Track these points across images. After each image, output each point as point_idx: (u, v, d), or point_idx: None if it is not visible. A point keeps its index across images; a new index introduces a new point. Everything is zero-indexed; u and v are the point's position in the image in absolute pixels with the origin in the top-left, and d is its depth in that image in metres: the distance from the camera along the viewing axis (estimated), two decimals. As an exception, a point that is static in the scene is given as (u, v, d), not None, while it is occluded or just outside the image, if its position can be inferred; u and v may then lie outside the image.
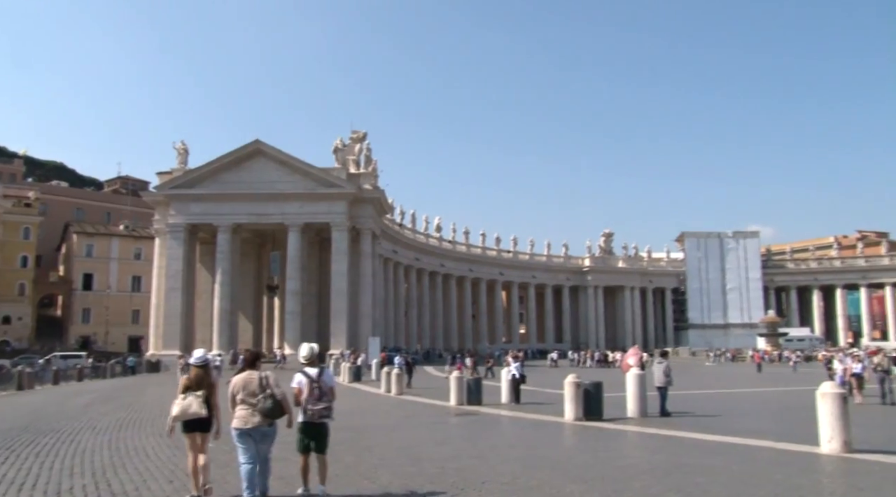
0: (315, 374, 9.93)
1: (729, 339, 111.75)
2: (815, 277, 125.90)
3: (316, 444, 9.93)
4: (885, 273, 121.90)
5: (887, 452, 13.63)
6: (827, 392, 13.67)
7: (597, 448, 15.76)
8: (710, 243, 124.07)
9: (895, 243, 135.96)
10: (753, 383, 45.46)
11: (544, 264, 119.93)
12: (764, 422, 22.40)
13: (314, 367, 10.10)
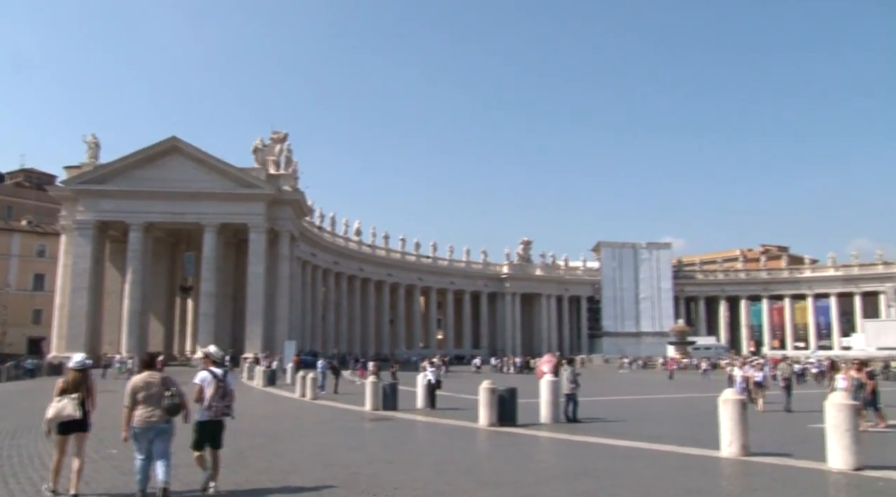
0: (221, 373, 10.55)
1: (641, 347, 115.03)
2: (722, 288, 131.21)
3: (213, 441, 10.42)
4: (784, 285, 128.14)
5: (780, 455, 14.34)
6: (728, 399, 14.25)
7: (509, 453, 15.95)
8: (625, 253, 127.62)
9: (795, 257, 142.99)
10: (664, 390, 46.84)
11: (463, 270, 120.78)
12: (671, 427, 23.17)
13: (220, 367, 10.77)
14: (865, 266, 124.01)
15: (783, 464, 13.54)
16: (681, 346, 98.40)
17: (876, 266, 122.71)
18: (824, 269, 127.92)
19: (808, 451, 14.20)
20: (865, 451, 12.88)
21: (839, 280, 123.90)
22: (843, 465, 12.37)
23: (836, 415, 12.57)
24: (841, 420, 12.47)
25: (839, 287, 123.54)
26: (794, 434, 19.39)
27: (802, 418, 23.67)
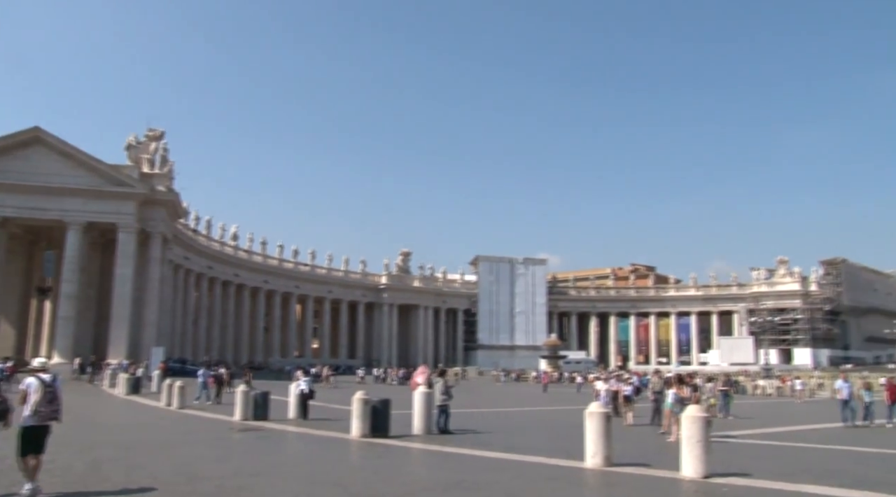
0: (49, 378, 10.65)
1: (514, 360, 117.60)
2: (594, 305, 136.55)
3: (37, 446, 10.42)
4: (651, 303, 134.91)
5: (639, 465, 15.05)
6: (593, 412, 14.82)
7: (380, 465, 15.92)
8: (503, 268, 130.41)
9: (661, 277, 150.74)
10: (538, 402, 47.98)
11: (341, 279, 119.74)
12: (541, 439, 23.80)
13: (47, 373, 10.88)
14: (722, 287, 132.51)
15: (641, 473, 14.22)
16: (553, 359, 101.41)
17: (731, 287, 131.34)
18: (686, 289, 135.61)
19: (665, 462, 14.99)
20: (715, 459, 13.77)
21: (699, 299, 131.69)
22: (693, 474, 13.16)
23: (689, 427, 13.37)
24: (694, 431, 13.26)
25: (699, 306, 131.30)
26: (654, 445, 20.34)
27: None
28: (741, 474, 14.08)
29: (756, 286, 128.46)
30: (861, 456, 19.64)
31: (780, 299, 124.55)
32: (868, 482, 14.51)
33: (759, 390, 65.59)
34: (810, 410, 42.26)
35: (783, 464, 17.97)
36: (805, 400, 53.93)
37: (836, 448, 21.60)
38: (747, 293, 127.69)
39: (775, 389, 63.98)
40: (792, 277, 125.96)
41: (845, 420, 29.05)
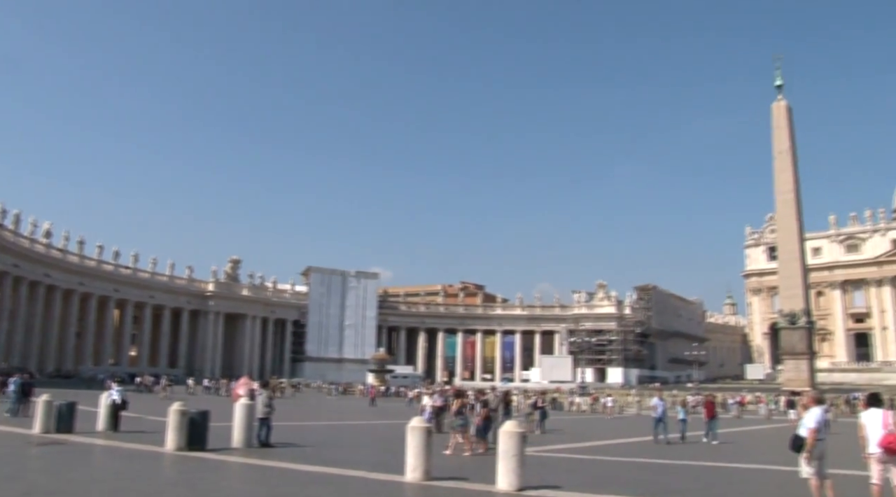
0: None
1: (342, 372, 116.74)
2: (423, 320, 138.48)
3: None
4: (478, 321, 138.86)
5: (458, 479, 15.43)
6: (415, 426, 15.01)
7: (194, 480, 15.24)
8: (334, 280, 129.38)
9: (489, 295, 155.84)
10: (365, 416, 47.80)
11: (165, 285, 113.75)
12: (365, 453, 23.74)
13: None
14: (546, 308, 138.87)
15: (458, 487, 14.56)
16: (380, 373, 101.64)
17: (554, 308, 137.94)
18: (513, 309, 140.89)
19: (483, 476, 15.40)
20: (529, 473, 14.36)
21: (524, 319, 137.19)
22: (508, 487, 13.65)
23: (506, 441, 13.86)
24: (510, 446, 13.77)
25: (524, 325, 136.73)
26: (474, 460, 20.85)
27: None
28: (553, 487, 14.76)
29: (577, 308, 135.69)
30: (664, 468, 21.16)
31: (598, 321, 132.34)
32: (668, 492, 15.72)
33: (574, 407, 69.00)
34: (619, 426, 45.03)
35: (593, 476, 19.06)
36: (614, 416, 57.42)
37: (642, 461, 23.11)
38: (568, 314, 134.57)
39: (589, 406, 67.63)
40: (609, 301, 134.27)
41: (657, 436, 29.45)
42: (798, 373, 64.56)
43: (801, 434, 12.91)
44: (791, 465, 13.82)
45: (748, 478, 19.66)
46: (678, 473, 19.96)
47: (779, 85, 70.24)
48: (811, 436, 12.75)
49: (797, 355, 64.97)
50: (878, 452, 12.00)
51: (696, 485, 17.83)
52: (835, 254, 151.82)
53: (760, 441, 35.64)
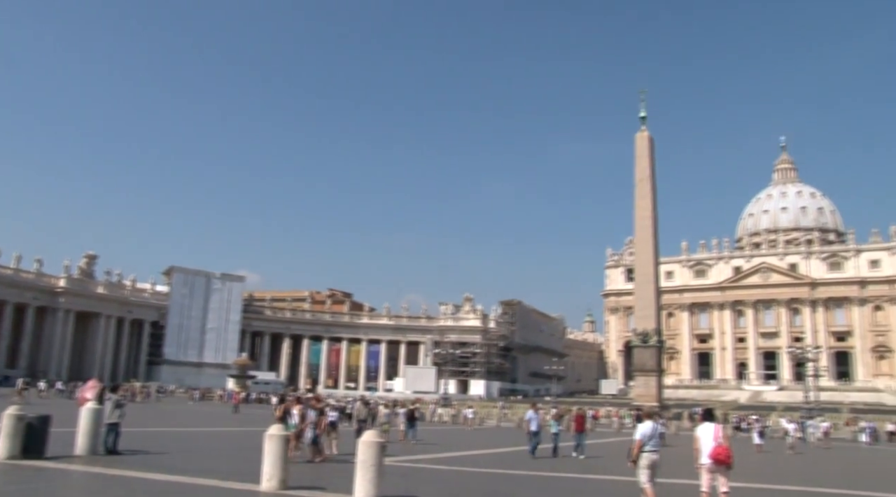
0: None
1: (201, 377, 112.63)
2: (288, 326, 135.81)
3: None
4: (344, 329, 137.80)
5: (315, 489, 15.33)
6: (273, 434, 14.77)
7: (25, 491, 14.28)
8: (198, 281, 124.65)
9: (356, 304, 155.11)
10: (226, 423, 46.19)
11: (9, 278, 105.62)
12: (221, 461, 23.03)
13: None
14: (413, 318, 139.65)
15: (313, 496, 14.44)
16: (241, 379, 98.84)
17: (420, 319, 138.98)
18: (380, 318, 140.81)
19: (341, 485, 15.32)
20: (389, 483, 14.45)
21: (390, 328, 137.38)
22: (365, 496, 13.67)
23: (364, 451, 13.89)
24: (368, 456, 13.80)
25: (390, 335, 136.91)
26: (334, 469, 20.70)
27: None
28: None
29: (443, 320, 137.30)
30: (519, 479, 21.77)
31: (463, 334, 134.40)
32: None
33: (437, 418, 69.68)
34: (480, 437, 45.93)
35: (450, 486, 19.38)
36: (475, 427, 58.46)
37: (499, 472, 23.69)
38: (435, 326, 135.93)
39: (451, 417, 68.50)
40: (475, 314, 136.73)
41: (533, 448, 29.07)
42: (648, 389, 68.07)
43: None
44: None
45: (597, 488, 20.60)
46: (531, 485, 20.61)
47: (642, 116, 74.30)
48: (636, 447, 14.10)
49: (647, 372, 68.54)
50: (708, 463, 13.00)
51: (545, 495, 18.48)
52: (685, 278, 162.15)
53: (619, 453, 37.32)
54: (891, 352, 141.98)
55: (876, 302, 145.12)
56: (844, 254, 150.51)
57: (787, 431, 44.39)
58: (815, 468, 30.85)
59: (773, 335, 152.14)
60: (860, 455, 42.56)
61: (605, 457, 32.70)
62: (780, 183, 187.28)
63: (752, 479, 22.74)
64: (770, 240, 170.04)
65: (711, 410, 14.95)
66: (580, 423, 31.70)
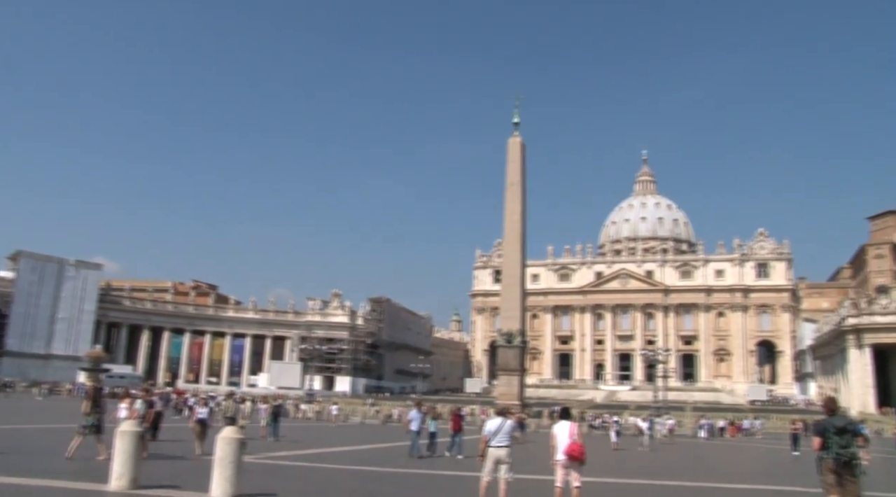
0: None
1: (49, 370, 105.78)
2: (148, 318, 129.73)
3: None
4: (208, 322, 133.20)
5: (169, 487, 14.84)
6: (125, 430, 14.17)
7: None
8: (49, 268, 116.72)
9: (222, 296, 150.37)
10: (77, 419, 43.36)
11: None
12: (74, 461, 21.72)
13: None
14: (280, 313, 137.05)
15: (167, 495, 13.97)
16: (94, 372, 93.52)
17: (288, 314, 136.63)
18: (245, 311, 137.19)
19: (197, 483, 14.90)
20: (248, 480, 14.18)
21: (256, 323, 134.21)
22: (222, 495, 13.34)
23: (223, 448, 13.57)
24: (227, 453, 13.50)
25: (256, 329, 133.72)
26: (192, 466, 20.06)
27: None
28: (268, 494, 14.72)
29: (311, 315, 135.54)
30: (382, 476, 21.88)
31: (331, 330, 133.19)
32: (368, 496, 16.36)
33: (300, 414, 68.76)
34: (344, 434, 45.75)
35: (311, 484, 19.23)
36: (338, 424, 58.14)
37: (362, 469, 23.69)
38: (302, 321, 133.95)
39: (315, 414, 67.76)
40: (343, 311, 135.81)
41: (414, 448, 28.55)
42: (510, 387, 69.91)
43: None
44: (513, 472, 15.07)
45: (457, 485, 20.93)
46: (393, 482, 20.77)
47: (516, 122, 76.22)
48: (482, 442, 14.87)
49: (511, 372, 70.39)
50: (563, 459, 13.63)
51: (406, 492, 18.68)
52: (550, 281, 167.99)
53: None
54: (730, 355, 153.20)
55: (719, 309, 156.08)
56: (694, 263, 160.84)
57: (640, 430, 46.84)
58: (662, 463, 32.76)
59: (628, 338, 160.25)
60: (700, 449, 45.57)
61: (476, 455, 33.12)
62: (641, 194, 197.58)
63: (606, 475, 23.93)
64: (630, 247, 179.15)
65: (568, 409, 15.65)
66: (456, 423, 31.54)
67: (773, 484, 25.16)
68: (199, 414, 25.65)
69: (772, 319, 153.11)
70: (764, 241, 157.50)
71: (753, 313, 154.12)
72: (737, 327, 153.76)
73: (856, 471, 12.14)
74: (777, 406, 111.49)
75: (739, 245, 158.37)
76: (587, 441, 15.67)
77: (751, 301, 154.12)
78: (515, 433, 21.32)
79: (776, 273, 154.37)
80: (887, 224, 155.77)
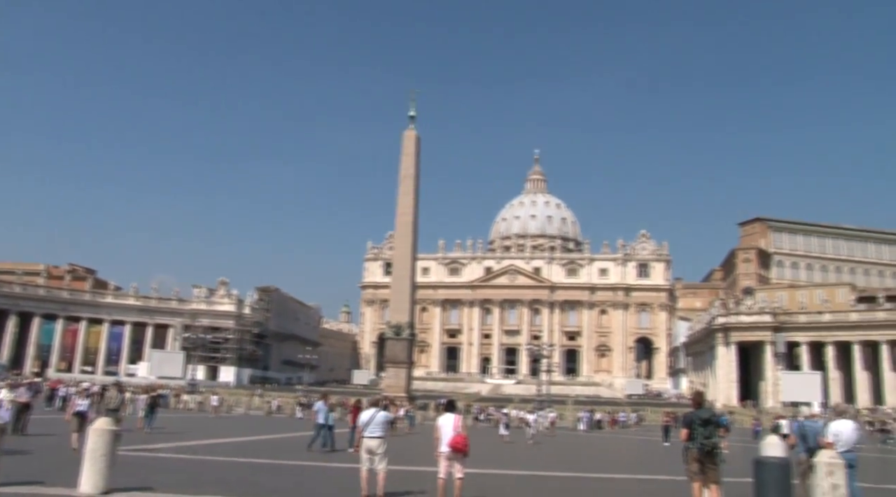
0: None
1: None
2: (17, 302, 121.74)
3: None
4: (84, 308, 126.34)
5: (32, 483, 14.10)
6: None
7: None
8: None
9: (100, 281, 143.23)
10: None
11: None
12: None
13: None
14: (163, 300, 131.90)
15: (32, 493, 13.28)
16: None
17: (171, 301, 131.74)
18: (126, 298, 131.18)
19: (65, 478, 14.19)
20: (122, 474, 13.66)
21: (137, 309, 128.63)
22: (92, 489, 12.81)
23: (95, 440, 13.01)
24: (99, 445, 12.94)
25: (136, 316, 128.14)
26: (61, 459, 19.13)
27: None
28: (143, 488, 14.24)
29: (196, 303, 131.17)
30: (266, 467, 21.49)
31: (217, 318, 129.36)
32: (260, 490, 16.11)
33: (182, 405, 66.76)
34: (227, 425, 44.68)
35: (189, 476, 18.72)
36: (218, 415, 56.71)
37: (246, 461, 23.23)
38: (186, 309, 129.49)
39: (197, 404, 65.94)
40: (230, 299, 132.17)
41: (314, 440, 27.82)
42: (398, 380, 70.10)
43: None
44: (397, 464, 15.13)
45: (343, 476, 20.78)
46: (278, 473, 20.51)
47: (412, 115, 76.30)
48: (357, 433, 15.70)
49: (398, 364, 70.59)
50: (446, 451, 13.86)
51: (289, 484, 18.50)
52: (440, 275, 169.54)
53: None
54: (610, 351, 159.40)
55: (602, 306, 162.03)
56: (580, 262, 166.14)
57: (527, 422, 48.08)
58: (545, 455, 33.74)
59: (515, 333, 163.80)
60: (579, 441, 47.33)
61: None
62: (532, 192, 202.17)
63: (492, 466, 24.44)
64: (519, 244, 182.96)
65: (453, 402, 15.90)
66: (356, 416, 30.40)
67: (644, 473, 26.49)
68: (79, 406, 24.16)
69: (650, 317, 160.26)
70: (645, 242, 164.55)
71: (633, 311, 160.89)
72: (618, 324, 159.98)
73: (717, 459, 13.10)
74: (652, 400, 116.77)
75: (623, 245, 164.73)
76: (473, 434, 16.03)
77: (631, 299, 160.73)
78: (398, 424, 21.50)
79: (655, 273, 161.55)
80: (755, 230, 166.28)
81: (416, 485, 17.46)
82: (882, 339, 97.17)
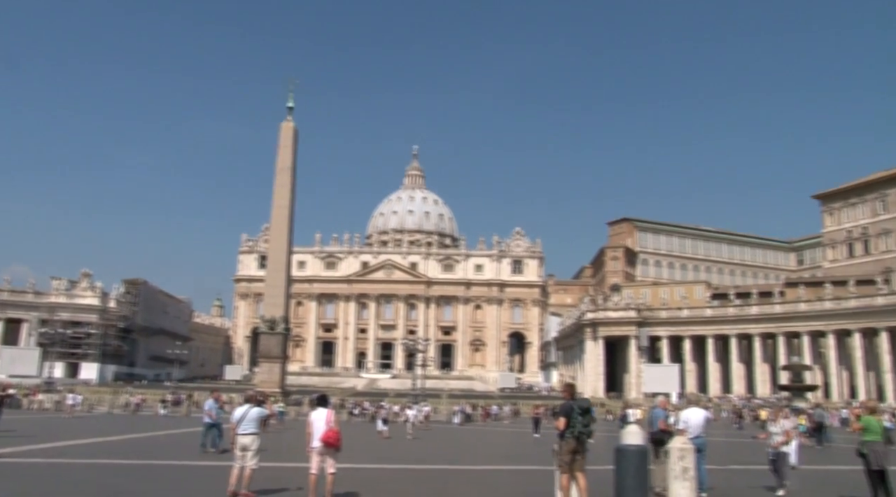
0: None
1: None
2: None
3: None
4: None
5: None
6: None
7: None
8: None
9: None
10: None
11: None
12: None
13: None
14: (17, 293, 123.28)
15: None
16: None
17: (27, 294, 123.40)
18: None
19: None
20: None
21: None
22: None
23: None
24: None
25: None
26: None
27: None
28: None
29: (55, 296, 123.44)
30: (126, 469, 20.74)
31: (78, 312, 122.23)
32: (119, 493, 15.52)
33: (36, 405, 62.82)
34: (87, 425, 42.42)
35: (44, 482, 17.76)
36: (74, 415, 53.52)
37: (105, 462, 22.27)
38: (43, 302, 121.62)
39: (54, 404, 62.26)
40: (93, 292, 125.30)
41: (206, 443, 26.22)
42: (272, 375, 69.03)
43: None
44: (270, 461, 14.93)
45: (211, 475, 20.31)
46: (139, 475, 19.81)
47: (290, 106, 75.11)
48: (231, 430, 15.34)
49: (272, 359, 69.50)
50: (318, 446, 13.89)
51: (150, 486, 17.76)
52: (316, 269, 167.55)
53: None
54: (485, 345, 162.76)
55: (477, 301, 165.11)
56: (456, 257, 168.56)
57: (407, 418, 48.32)
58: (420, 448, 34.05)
59: (391, 327, 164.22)
60: (454, 434, 48.14)
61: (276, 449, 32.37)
62: (410, 188, 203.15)
63: (367, 461, 24.53)
64: (396, 239, 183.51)
65: (326, 396, 15.88)
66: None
67: (514, 464, 27.35)
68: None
69: (523, 313, 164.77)
70: (520, 239, 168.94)
71: (507, 306, 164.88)
72: (492, 319, 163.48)
73: (585, 446, 13.79)
74: (524, 393, 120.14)
75: (498, 242, 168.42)
76: (348, 429, 16.08)
77: (506, 295, 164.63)
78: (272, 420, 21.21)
79: (529, 270, 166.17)
80: (622, 230, 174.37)
81: (288, 481, 17.35)
82: (732, 332, 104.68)
